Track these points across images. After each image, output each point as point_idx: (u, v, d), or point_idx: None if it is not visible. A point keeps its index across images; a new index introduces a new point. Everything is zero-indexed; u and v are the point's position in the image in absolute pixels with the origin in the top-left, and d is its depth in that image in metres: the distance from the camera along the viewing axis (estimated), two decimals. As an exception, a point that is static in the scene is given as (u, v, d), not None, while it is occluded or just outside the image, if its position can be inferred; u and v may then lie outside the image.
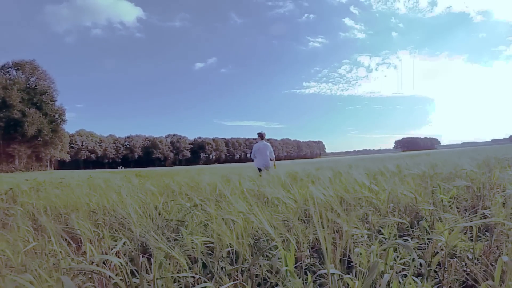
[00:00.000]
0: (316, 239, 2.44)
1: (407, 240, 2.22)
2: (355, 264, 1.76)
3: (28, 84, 62.41)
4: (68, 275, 1.38)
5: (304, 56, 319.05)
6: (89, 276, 1.59)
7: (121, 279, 1.44)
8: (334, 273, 1.35)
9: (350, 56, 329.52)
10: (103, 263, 1.84)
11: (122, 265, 1.42)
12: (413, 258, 1.64)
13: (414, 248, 2.21)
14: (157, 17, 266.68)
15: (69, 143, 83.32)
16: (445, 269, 1.89)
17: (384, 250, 1.74)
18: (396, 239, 2.13)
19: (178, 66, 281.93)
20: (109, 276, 1.42)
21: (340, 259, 1.83)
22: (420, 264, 1.81)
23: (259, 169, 8.65)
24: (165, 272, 1.37)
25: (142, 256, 1.56)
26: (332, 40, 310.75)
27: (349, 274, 1.53)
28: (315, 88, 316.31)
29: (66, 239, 2.36)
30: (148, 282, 1.34)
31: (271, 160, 8.85)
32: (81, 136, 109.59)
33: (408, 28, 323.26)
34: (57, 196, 4.19)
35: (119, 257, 1.58)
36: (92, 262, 1.76)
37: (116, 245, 1.98)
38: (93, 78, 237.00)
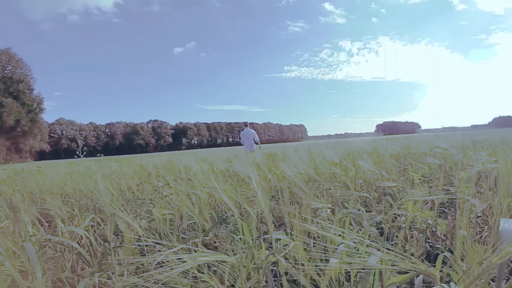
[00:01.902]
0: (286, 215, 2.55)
1: (374, 216, 2.34)
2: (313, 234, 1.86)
3: (4, 73, 60.46)
4: (35, 245, 1.45)
5: (284, 40, 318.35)
6: (56, 248, 1.67)
7: (85, 250, 1.53)
8: (279, 239, 1.47)
9: (331, 41, 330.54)
10: (74, 239, 1.92)
11: (86, 237, 1.51)
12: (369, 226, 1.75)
13: (379, 222, 2.35)
14: (134, 1, 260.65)
15: (48, 132, 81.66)
16: (407, 241, 2.01)
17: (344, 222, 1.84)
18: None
19: (157, 51, 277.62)
20: (73, 246, 1.50)
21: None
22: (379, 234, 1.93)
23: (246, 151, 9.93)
24: (126, 242, 1.46)
25: (114, 233, 1.65)
26: (312, 24, 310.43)
27: (305, 243, 1.63)
28: (296, 72, 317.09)
29: (39, 220, 2.43)
30: (108, 251, 1.42)
31: (256, 143, 10.23)
32: (61, 125, 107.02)
33: (389, 14, 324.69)
34: (33, 182, 4.21)
35: (88, 231, 1.65)
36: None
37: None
38: (70, 65, 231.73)
